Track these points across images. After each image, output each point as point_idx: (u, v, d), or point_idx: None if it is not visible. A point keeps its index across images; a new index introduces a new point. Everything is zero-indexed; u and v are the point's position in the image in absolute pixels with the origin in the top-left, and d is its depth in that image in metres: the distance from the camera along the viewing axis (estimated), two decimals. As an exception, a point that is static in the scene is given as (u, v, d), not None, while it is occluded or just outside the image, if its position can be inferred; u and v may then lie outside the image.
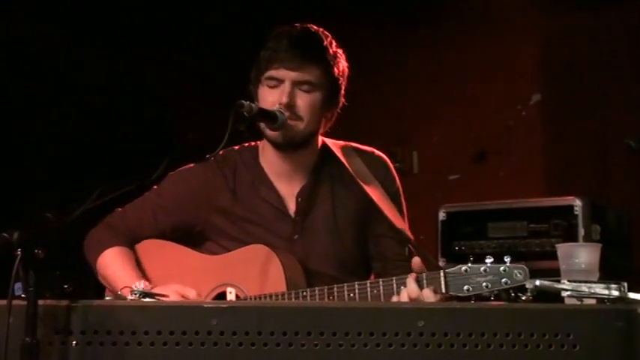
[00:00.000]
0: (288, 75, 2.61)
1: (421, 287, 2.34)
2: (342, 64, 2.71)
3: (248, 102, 2.47)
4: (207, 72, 5.08)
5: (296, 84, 2.61)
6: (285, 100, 2.59)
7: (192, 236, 2.80)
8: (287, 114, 2.59)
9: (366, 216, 2.74)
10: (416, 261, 2.39)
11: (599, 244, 2.28)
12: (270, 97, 2.62)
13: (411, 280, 2.35)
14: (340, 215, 2.74)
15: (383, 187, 2.73)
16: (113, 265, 2.74)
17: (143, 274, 2.73)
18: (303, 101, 2.62)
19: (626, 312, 1.93)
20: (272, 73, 2.62)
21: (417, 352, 1.92)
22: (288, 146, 2.67)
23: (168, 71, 5.02)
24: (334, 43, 2.70)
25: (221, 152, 2.56)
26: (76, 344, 1.92)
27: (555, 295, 2.06)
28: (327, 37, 2.69)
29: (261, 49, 2.67)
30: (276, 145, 2.68)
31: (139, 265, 2.78)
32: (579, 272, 2.21)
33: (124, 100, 4.87)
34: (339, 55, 2.70)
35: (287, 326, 1.92)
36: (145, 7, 4.79)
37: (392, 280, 2.40)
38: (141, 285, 2.61)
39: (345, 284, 2.46)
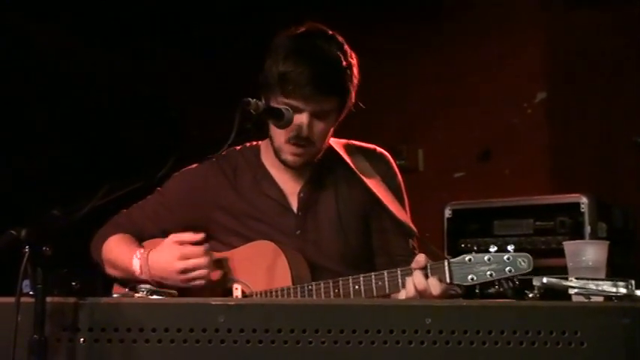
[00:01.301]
0: (307, 107, 2.58)
1: (426, 276, 2.35)
2: (355, 78, 2.66)
3: (255, 99, 2.47)
4: (214, 70, 5.08)
5: (313, 114, 2.61)
6: (304, 133, 2.59)
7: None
8: (303, 143, 2.60)
9: (369, 211, 2.74)
10: (418, 259, 2.39)
11: (606, 242, 2.28)
12: None
13: (417, 272, 2.35)
14: (343, 211, 2.74)
15: (385, 182, 2.74)
16: (117, 247, 2.78)
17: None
18: (319, 128, 2.63)
19: (634, 309, 1.94)
20: (291, 102, 2.57)
21: (424, 349, 1.92)
22: (303, 167, 2.69)
23: (175, 69, 5.02)
24: (349, 52, 2.64)
25: (223, 152, 2.56)
26: (83, 341, 1.93)
27: (562, 293, 2.06)
28: (345, 53, 2.62)
29: (277, 63, 2.59)
30: (291, 167, 2.69)
31: None
32: (586, 270, 2.21)
33: (130, 99, 4.87)
34: (354, 66, 2.65)
35: (294, 323, 1.92)
36: (150, 5, 4.80)
37: (396, 271, 2.41)
38: (139, 253, 2.66)
39: (350, 277, 2.47)
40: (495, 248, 2.28)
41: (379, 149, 2.84)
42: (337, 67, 2.59)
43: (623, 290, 1.98)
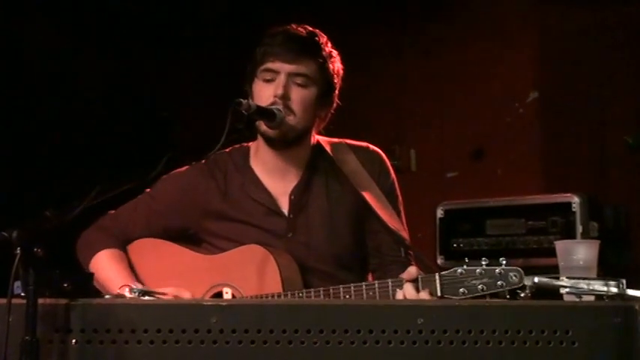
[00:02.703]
0: (283, 67, 2.62)
1: (417, 290, 2.33)
2: (337, 64, 2.73)
3: (246, 100, 2.48)
4: (206, 70, 5.07)
5: (291, 77, 2.62)
6: (280, 91, 2.60)
7: (186, 237, 2.80)
8: (281, 107, 2.60)
9: (361, 211, 2.73)
10: (410, 270, 2.39)
11: (597, 241, 2.29)
12: (265, 91, 2.62)
13: (408, 285, 2.34)
14: (336, 210, 2.74)
15: (378, 183, 2.73)
16: (106, 268, 2.74)
17: (137, 275, 2.73)
18: (298, 95, 2.63)
19: (625, 308, 1.94)
20: (268, 65, 2.63)
21: (416, 349, 1.92)
22: (281, 142, 2.67)
23: (167, 69, 5.01)
24: (330, 44, 2.72)
25: (212, 155, 2.58)
26: (75, 342, 1.93)
27: (554, 292, 2.06)
28: (322, 36, 2.71)
29: (256, 47, 2.68)
30: (270, 141, 2.68)
31: (133, 265, 2.78)
32: (578, 269, 2.21)
33: (123, 99, 4.87)
34: (334, 54, 2.72)
35: (286, 324, 1.92)
36: (143, 5, 4.79)
37: (387, 282, 2.40)
38: (129, 291, 2.61)
39: (341, 286, 2.45)
40: (487, 261, 2.26)
41: (372, 147, 2.83)
42: (311, 33, 2.68)
43: (614, 289, 1.99)
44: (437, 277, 2.31)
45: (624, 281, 2.00)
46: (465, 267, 2.27)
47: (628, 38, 4.55)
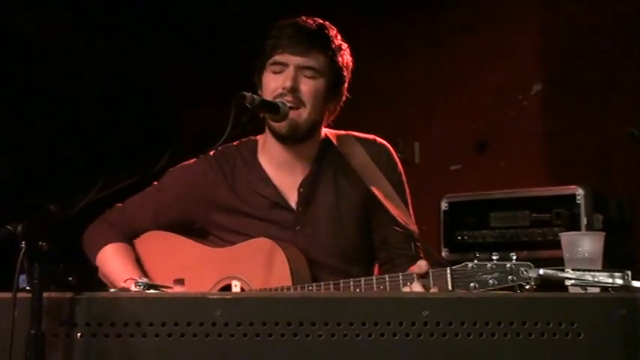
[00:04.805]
0: (292, 60, 2.62)
1: (427, 286, 2.33)
2: (347, 57, 2.73)
3: (250, 93, 2.47)
4: (209, 64, 5.07)
5: (300, 69, 2.62)
6: (288, 83, 2.59)
7: (193, 230, 2.80)
8: (290, 99, 2.59)
9: (369, 205, 2.73)
10: (420, 264, 2.38)
11: (602, 233, 2.28)
12: (273, 83, 2.62)
13: (417, 284, 2.34)
14: (343, 204, 2.73)
15: (386, 176, 2.73)
16: (112, 261, 2.75)
17: (143, 268, 2.74)
18: (307, 87, 2.62)
19: (630, 300, 1.94)
20: (276, 57, 2.63)
21: (421, 341, 1.92)
22: (292, 137, 2.67)
23: (170, 63, 5.01)
24: (339, 36, 2.72)
25: (220, 148, 2.57)
26: (80, 336, 1.93)
27: (559, 284, 2.06)
28: (332, 29, 2.71)
29: (266, 39, 2.68)
30: (280, 137, 2.67)
31: (141, 258, 2.79)
32: (583, 261, 2.21)
33: (126, 93, 4.87)
34: (343, 47, 2.72)
35: (291, 317, 1.92)
36: (148, 0, 4.80)
37: (398, 275, 2.40)
38: (139, 283, 2.62)
39: (352, 280, 2.45)
40: (498, 256, 2.26)
41: (379, 140, 2.83)
42: (321, 26, 2.68)
43: (619, 281, 1.99)
44: (448, 271, 2.31)
45: (629, 273, 2.00)
46: (475, 262, 2.27)
47: (632, 29, 4.53)
